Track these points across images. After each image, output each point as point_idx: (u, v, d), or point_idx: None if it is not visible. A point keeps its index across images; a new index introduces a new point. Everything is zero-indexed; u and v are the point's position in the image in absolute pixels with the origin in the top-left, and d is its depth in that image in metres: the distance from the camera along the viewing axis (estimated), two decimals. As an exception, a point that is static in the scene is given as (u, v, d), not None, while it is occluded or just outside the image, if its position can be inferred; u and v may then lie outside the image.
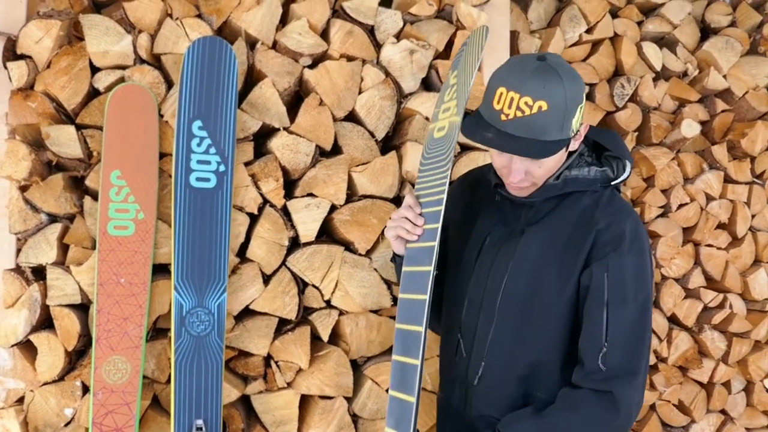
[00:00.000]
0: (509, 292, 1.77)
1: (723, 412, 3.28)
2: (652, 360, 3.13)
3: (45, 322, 2.22)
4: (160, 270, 2.28)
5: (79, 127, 2.20)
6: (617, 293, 1.66)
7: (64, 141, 2.17)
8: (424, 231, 1.79)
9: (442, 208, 1.74)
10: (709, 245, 3.18)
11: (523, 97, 1.56)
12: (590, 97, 2.97)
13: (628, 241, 1.68)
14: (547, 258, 1.75)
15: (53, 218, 2.23)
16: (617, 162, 1.79)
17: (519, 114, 1.57)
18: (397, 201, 2.50)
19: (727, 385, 3.27)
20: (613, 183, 1.79)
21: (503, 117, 1.59)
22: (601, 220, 1.71)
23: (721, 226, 3.20)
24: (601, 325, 1.65)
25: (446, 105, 1.92)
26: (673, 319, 3.16)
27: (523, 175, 1.68)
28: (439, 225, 1.74)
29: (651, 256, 1.76)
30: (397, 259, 1.92)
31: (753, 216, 3.24)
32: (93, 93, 2.25)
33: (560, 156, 1.69)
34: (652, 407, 3.18)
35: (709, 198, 3.17)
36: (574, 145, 1.70)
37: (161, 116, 2.24)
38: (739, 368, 3.27)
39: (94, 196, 2.20)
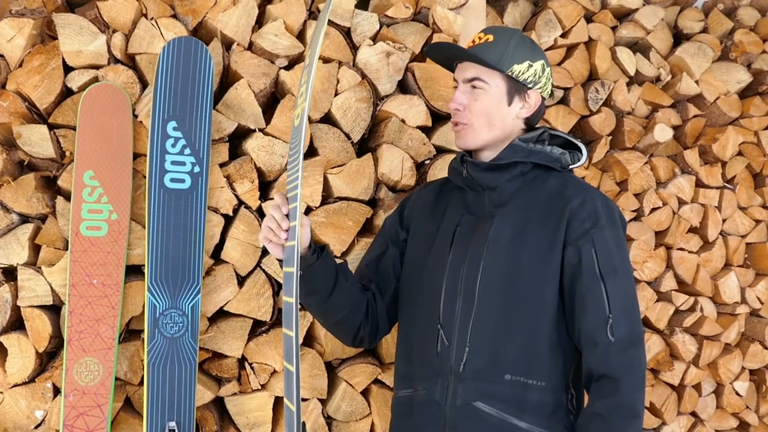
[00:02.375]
0: (487, 275, 1.81)
1: (693, 414, 3.31)
2: (625, 362, 3.16)
3: (16, 323, 2.20)
4: (134, 271, 2.26)
5: (52, 127, 2.18)
6: (608, 266, 1.76)
7: (36, 140, 2.15)
8: (289, 231, 1.78)
9: (298, 204, 1.73)
10: (681, 249, 3.21)
11: (477, 35, 1.93)
12: (564, 100, 2.99)
13: (604, 216, 1.79)
14: (523, 237, 1.81)
15: (24, 218, 2.21)
16: (572, 153, 1.95)
17: (471, 44, 1.92)
18: (373, 203, 2.50)
19: (697, 387, 3.30)
20: (571, 167, 1.93)
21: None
22: (574, 198, 1.81)
23: (692, 230, 3.24)
24: (602, 297, 1.74)
25: (302, 89, 1.85)
26: (645, 322, 3.18)
27: (461, 107, 1.90)
28: (297, 222, 1.73)
29: (624, 226, 1.89)
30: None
31: (724, 220, 3.27)
32: (66, 92, 2.22)
33: (497, 102, 1.89)
34: (624, 409, 3.21)
35: (681, 202, 3.21)
36: (524, 111, 1.92)
37: (135, 116, 2.23)
38: (710, 371, 3.30)
39: (67, 197, 2.18)
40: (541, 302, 1.79)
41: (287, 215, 1.80)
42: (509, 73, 1.87)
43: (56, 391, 2.19)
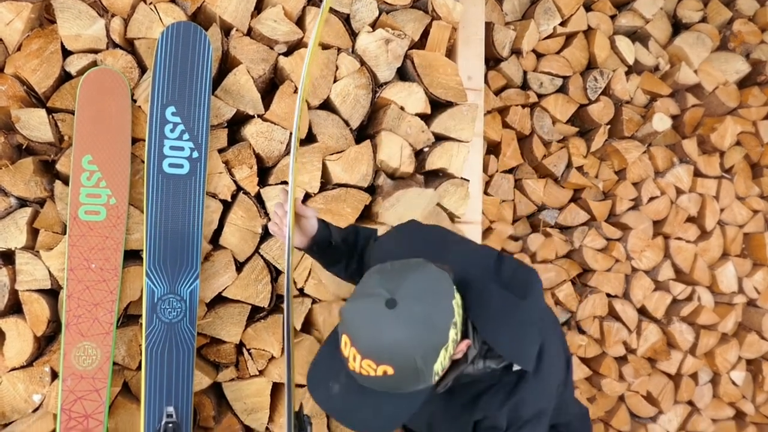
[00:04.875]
0: None
1: (690, 403, 3.33)
2: (622, 351, 3.17)
3: (13, 307, 2.20)
4: (132, 256, 2.25)
5: (50, 111, 2.17)
6: None
7: (35, 124, 2.14)
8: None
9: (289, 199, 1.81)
10: (679, 238, 3.22)
11: (365, 359, 1.39)
12: (563, 89, 2.99)
13: (505, 428, 1.62)
14: (440, 417, 1.73)
15: (23, 202, 2.20)
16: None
17: (365, 372, 1.41)
18: (371, 190, 2.50)
19: (694, 376, 3.31)
20: (514, 369, 1.62)
21: (350, 366, 1.44)
22: (479, 412, 1.63)
23: (690, 219, 3.25)
24: None
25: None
26: (642, 311, 3.19)
27: None
28: (290, 208, 1.84)
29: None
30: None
31: (722, 210, 3.28)
32: (65, 77, 2.22)
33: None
34: (621, 398, 3.22)
35: (679, 192, 3.21)
36: (457, 356, 1.53)
37: (134, 101, 2.22)
38: (706, 360, 3.32)
39: (65, 181, 2.17)
40: None
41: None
42: (435, 377, 1.47)
43: (54, 375, 2.19)
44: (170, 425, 2.14)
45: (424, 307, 1.40)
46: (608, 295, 3.14)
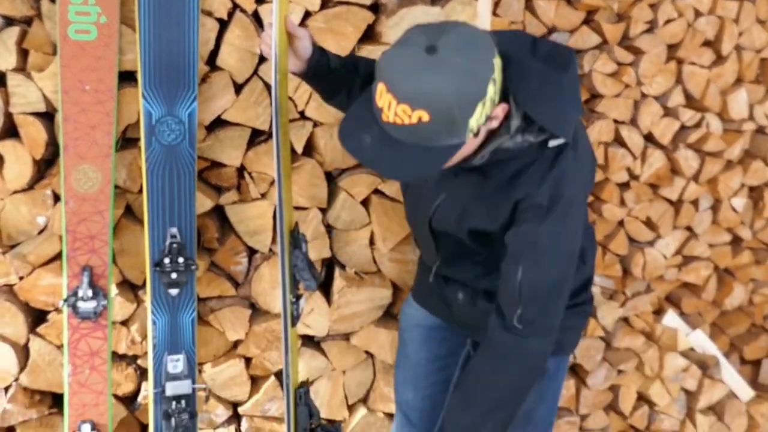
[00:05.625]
0: (438, 221, 1.86)
1: (688, 228, 3.37)
2: (625, 177, 3.16)
3: (10, 131, 2.17)
4: (127, 77, 2.19)
5: None
6: (532, 260, 1.67)
7: (13, -65, 2.02)
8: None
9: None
10: (693, 63, 3.12)
11: (400, 104, 1.40)
12: None
13: (545, 211, 1.63)
14: (475, 199, 1.75)
15: (9, 21, 2.11)
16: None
17: (398, 120, 1.42)
18: (375, 8, 2.39)
19: (695, 203, 3.33)
20: (550, 145, 1.63)
21: (384, 117, 1.45)
22: (520, 189, 1.65)
23: (706, 43, 3.13)
24: (515, 287, 1.68)
25: None
26: (649, 138, 3.16)
27: None
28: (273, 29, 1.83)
29: (576, 221, 1.73)
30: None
31: (740, 34, 3.16)
32: None
33: (465, 151, 1.57)
34: (620, 223, 3.25)
35: (698, 14, 3.07)
36: (494, 124, 1.55)
37: None
38: (709, 187, 3.32)
39: (52, -3, 2.08)
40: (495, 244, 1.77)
41: None
42: (470, 134, 1.49)
43: (56, 198, 2.20)
44: (174, 245, 2.17)
45: (464, 55, 1.40)
46: (615, 121, 3.09)
